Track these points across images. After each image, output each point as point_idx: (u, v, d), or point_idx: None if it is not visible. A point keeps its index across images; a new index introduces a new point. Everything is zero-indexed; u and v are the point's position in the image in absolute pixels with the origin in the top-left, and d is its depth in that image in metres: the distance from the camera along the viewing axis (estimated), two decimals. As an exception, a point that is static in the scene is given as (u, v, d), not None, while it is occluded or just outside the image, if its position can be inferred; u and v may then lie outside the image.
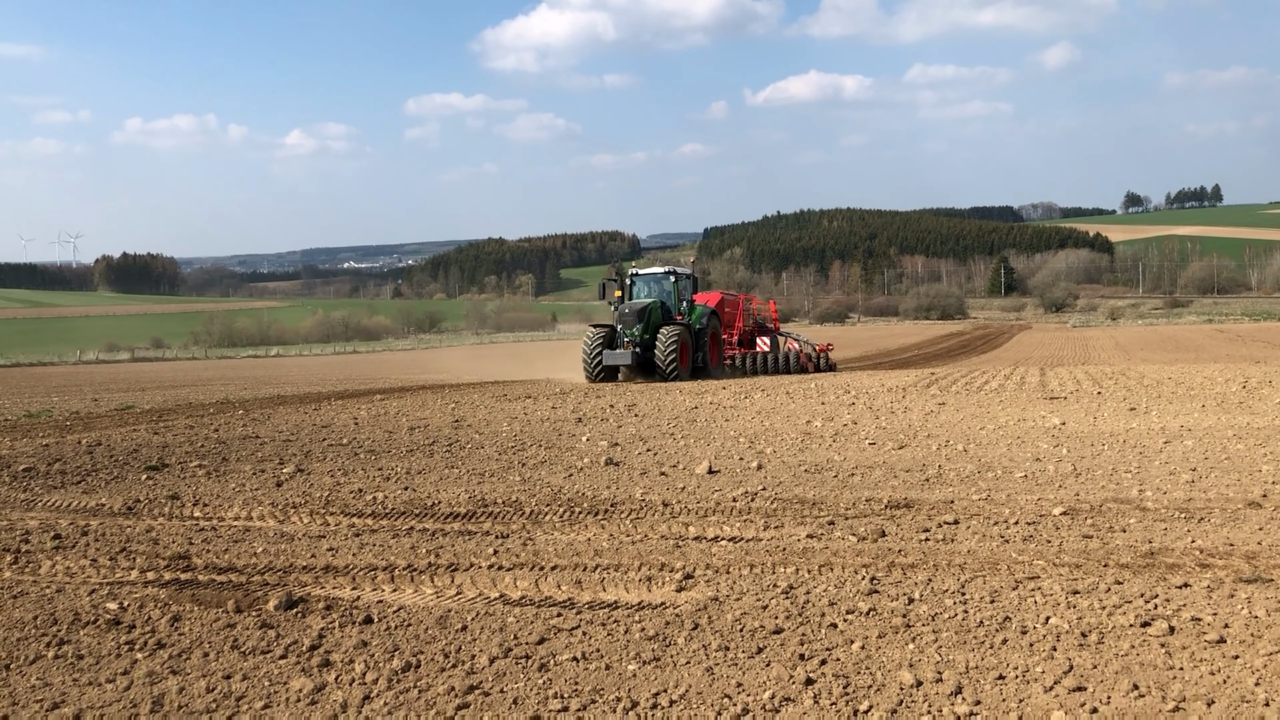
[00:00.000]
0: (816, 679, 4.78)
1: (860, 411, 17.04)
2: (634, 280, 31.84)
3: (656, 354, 28.38)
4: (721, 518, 8.52)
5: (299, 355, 79.73)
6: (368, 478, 11.27)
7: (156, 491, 10.59)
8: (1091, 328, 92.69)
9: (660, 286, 31.45)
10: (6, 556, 7.70)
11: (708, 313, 31.27)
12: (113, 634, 5.76)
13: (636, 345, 28.83)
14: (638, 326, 29.06)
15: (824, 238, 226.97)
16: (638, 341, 28.94)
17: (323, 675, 5.01)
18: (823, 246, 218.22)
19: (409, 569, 7.06)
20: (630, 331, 29.17)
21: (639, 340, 29.00)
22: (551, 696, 4.65)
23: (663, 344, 28.27)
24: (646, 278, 31.86)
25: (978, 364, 37.80)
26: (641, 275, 32.01)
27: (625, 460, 12.02)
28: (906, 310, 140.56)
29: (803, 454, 12.18)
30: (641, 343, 28.92)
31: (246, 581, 6.89)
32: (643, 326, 29.13)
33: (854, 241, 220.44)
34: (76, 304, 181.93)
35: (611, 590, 6.41)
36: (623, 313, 29.50)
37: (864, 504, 8.94)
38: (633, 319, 29.17)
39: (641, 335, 29.04)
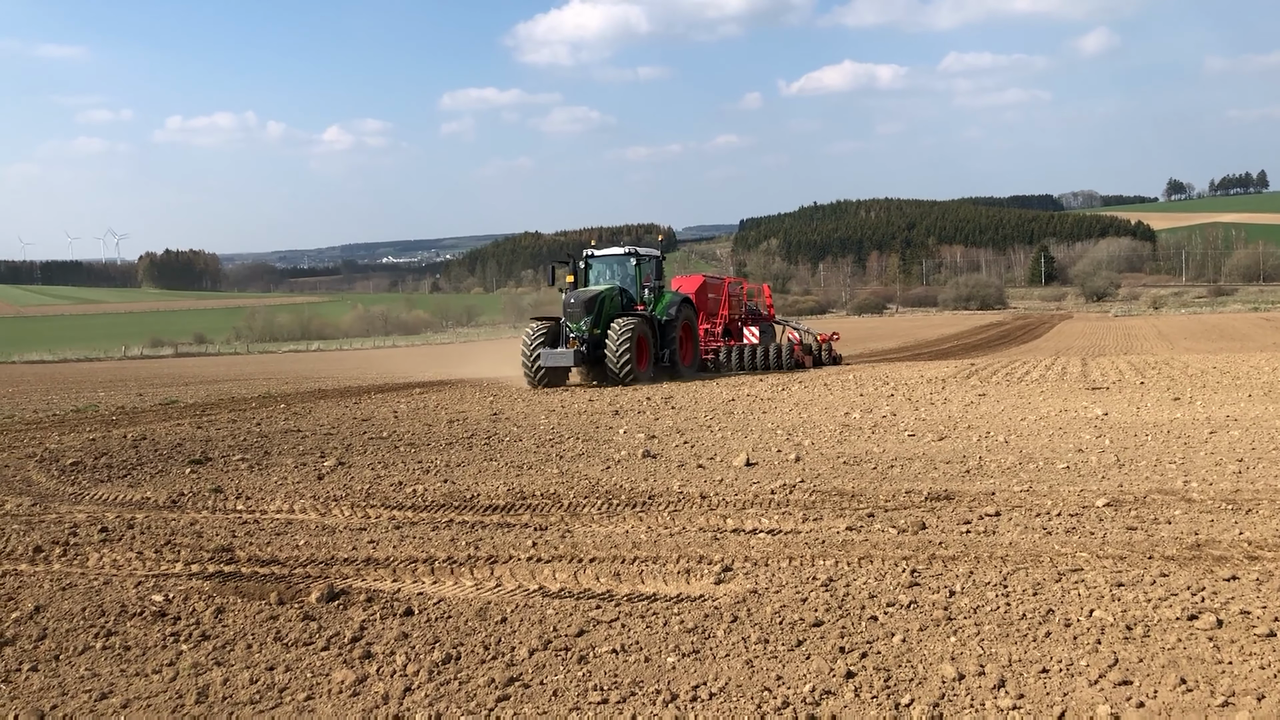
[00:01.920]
0: (857, 672, 4.75)
1: (899, 403, 16.92)
2: (589, 263, 27.08)
3: (607, 352, 23.85)
4: (760, 510, 8.49)
5: (339, 350, 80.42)
6: (407, 470, 11.34)
7: (200, 485, 10.72)
8: (1134, 317, 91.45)
9: (620, 270, 26.80)
10: (56, 549, 7.84)
11: (678, 301, 26.66)
12: (158, 625, 5.84)
13: (584, 342, 24.23)
14: (586, 319, 24.41)
15: (861, 228, 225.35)
16: (585, 337, 24.31)
17: (364, 667, 5.05)
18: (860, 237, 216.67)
19: (449, 561, 7.09)
20: (577, 325, 24.48)
21: (588, 336, 24.35)
22: (591, 689, 4.66)
23: (614, 340, 23.75)
24: (604, 260, 27.06)
25: (1018, 354, 37.39)
26: (598, 257, 27.11)
27: (663, 453, 12.01)
28: (945, 300, 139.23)
29: (841, 446, 12.12)
30: (591, 339, 24.32)
31: (289, 574, 6.96)
32: (592, 319, 24.48)
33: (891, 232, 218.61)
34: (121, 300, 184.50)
35: (650, 583, 6.41)
36: (567, 303, 24.80)
37: (904, 496, 8.87)
38: (579, 310, 24.46)
39: (591, 330, 24.41)
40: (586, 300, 24.52)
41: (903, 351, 42.71)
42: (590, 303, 24.51)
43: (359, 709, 4.53)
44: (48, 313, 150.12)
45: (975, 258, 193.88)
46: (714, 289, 31.83)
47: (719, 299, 31.83)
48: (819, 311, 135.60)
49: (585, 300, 24.51)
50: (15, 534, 8.45)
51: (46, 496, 10.36)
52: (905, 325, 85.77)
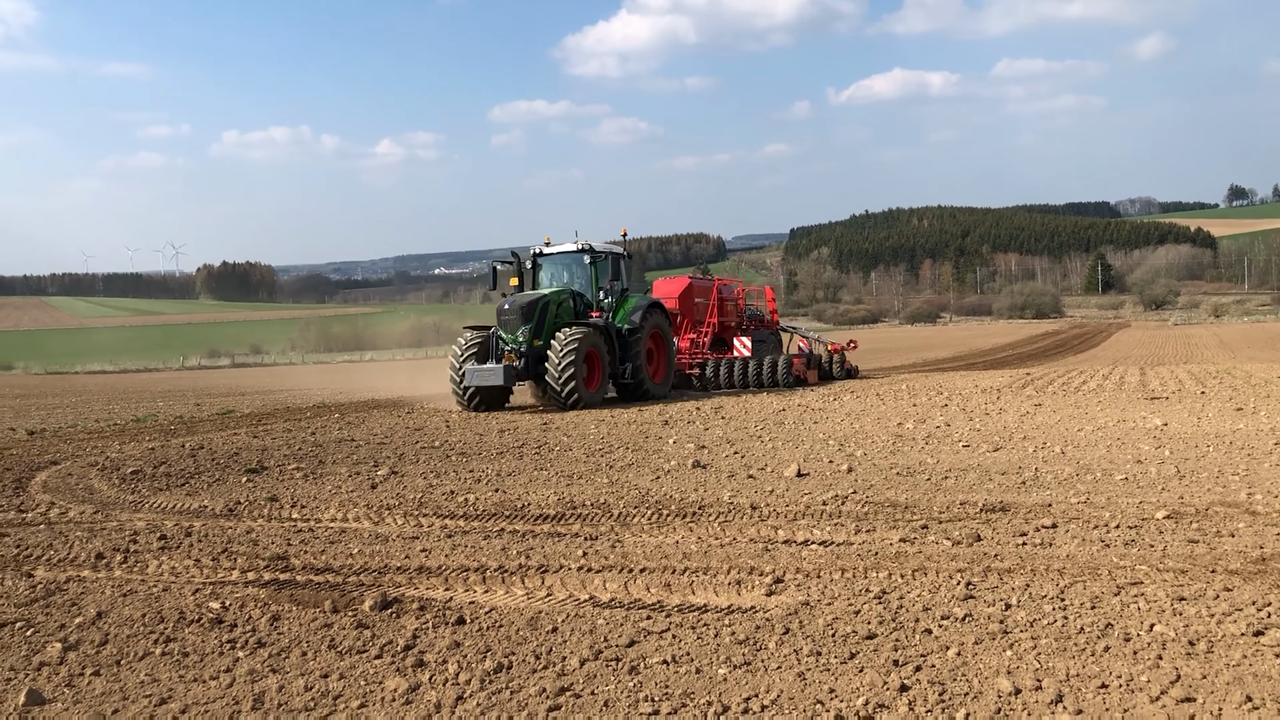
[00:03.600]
0: (911, 685, 4.69)
1: (953, 413, 16.74)
2: (538, 263, 23.16)
3: (548, 369, 20.04)
4: (811, 521, 8.43)
5: (392, 359, 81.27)
6: (459, 480, 11.42)
7: (256, 494, 10.87)
8: (1194, 325, 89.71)
9: (573, 271, 22.96)
10: (117, 555, 7.99)
11: (644, 307, 22.46)
12: (215, 632, 5.92)
13: (521, 355, 20.39)
14: (524, 328, 20.49)
15: (914, 236, 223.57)
16: (523, 350, 20.45)
17: (417, 675, 5.08)
18: (913, 245, 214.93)
19: (500, 570, 7.12)
20: (512, 336, 20.56)
21: (526, 348, 20.49)
22: (642, 699, 4.64)
23: (556, 353, 19.89)
24: (554, 259, 23.13)
25: (1075, 364, 36.82)
26: (548, 256, 23.13)
27: (712, 463, 11.98)
28: (1000, 309, 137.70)
29: (894, 456, 12.00)
30: (531, 352, 20.49)
31: (343, 582, 7.03)
32: (532, 328, 20.59)
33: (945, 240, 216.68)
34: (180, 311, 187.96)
35: (701, 593, 6.38)
36: (500, 309, 20.90)
37: (958, 507, 8.76)
38: (515, 317, 20.54)
39: (531, 341, 20.57)
40: (524, 306, 20.64)
41: (956, 361, 42.25)
42: (529, 308, 20.64)
43: (412, 717, 4.55)
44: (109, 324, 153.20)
45: (1030, 266, 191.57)
46: (702, 293, 28.62)
47: (708, 305, 28.56)
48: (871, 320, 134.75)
49: (523, 306, 20.63)
50: (78, 540, 8.62)
51: (108, 504, 10.57)
52: (959, 334, 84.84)
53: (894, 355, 47.62)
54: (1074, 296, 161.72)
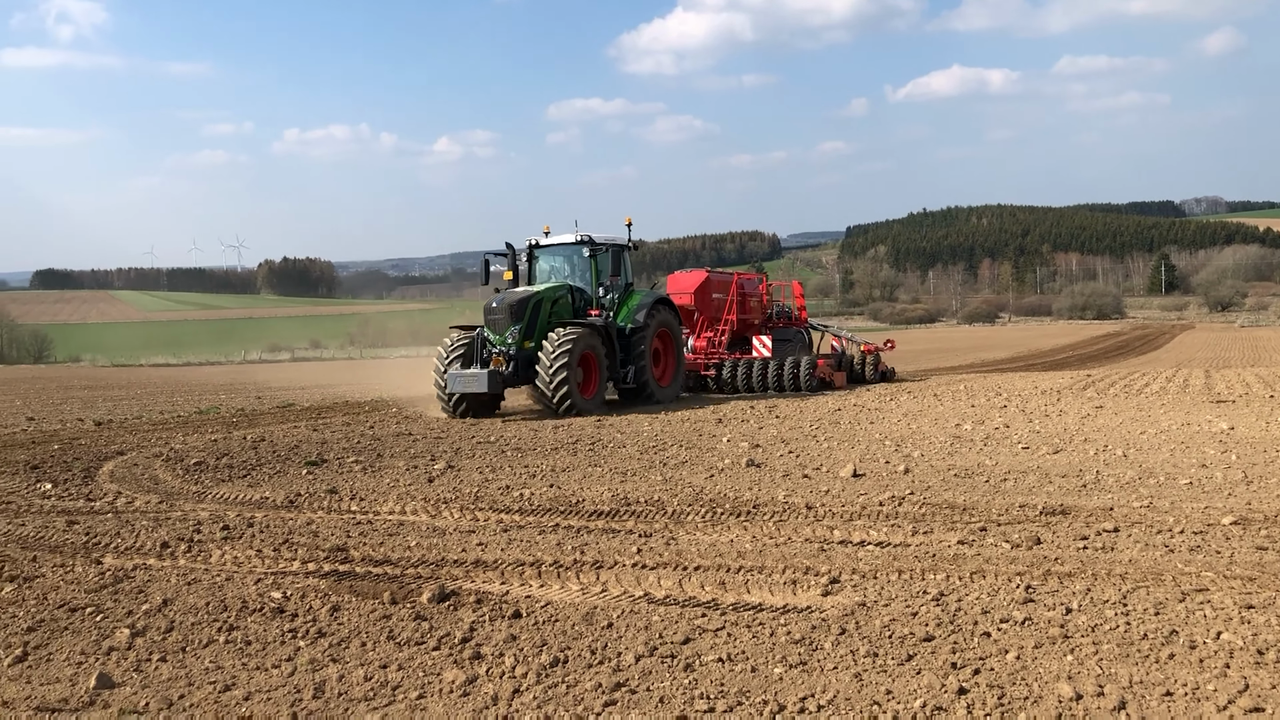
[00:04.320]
0: (970, 689, 4.65)
1: (1012, 414, 16.52)
2: (535, 254, 21.39)
3: (539, 373, 18.30)
4: (868, 522, 8.37)
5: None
6: (514, 474, 11.50)
7: (316, 486, 11.04)
8: (1261, 327, 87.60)
9: (573, 264, 21.13)
10: (181, 545, 8.16)
11: (649, 304, 20.68)
12: (277, 622, 6.03)
13: (511, 358, 18.63)
14: (514, 329, 18.77)
15: (972, 235, 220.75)
16: (512, 353, 18.67)
17: (474, 668, 5.13)
18: (971, 244, 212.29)
19: (555, 565, 7.17)
20: (501, 337, 18.86)
21: (516, 350, 18.72)
22: (697, 697, 4.65)
23: (548, 358, 18.11)
24: (552, 251, 21.34)
25: (1137, 365, 36.14)
26: (545, 247, 21.33)
27: (767, 462, 11.94)
28: (1060, 310, 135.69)
29: (952, 458, 11.88)
30: (522, 354, 18.70)
31: (401, 574, 7.11)
32: (523, 328, 18.84)
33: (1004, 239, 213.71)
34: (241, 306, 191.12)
35: (756, 592, 6.37)
36: (488, 307, 19.13)
37: (1017, 510, 8.65)
38: (504, 316, 18.80)
39: (521, 342, 18.77)
40: (514, 304, 18.86)
41: (1015, 361, 41.67)
42: (518, 306, 18.88)
43: (469, 709, 4.60)
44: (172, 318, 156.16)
45: (1091, 266, 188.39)
46: (720, 288, 26.43)
47: (726, 300, 26.34)
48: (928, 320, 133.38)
49: (512, 304, 18.85)
50: (144, 529, 8.82)
51: (172, 494, 10.80)
52: (1018, 335, 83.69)
53: (951, 355, 47.12)
54: (1136, 297, 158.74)
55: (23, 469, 12.71)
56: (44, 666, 5.36)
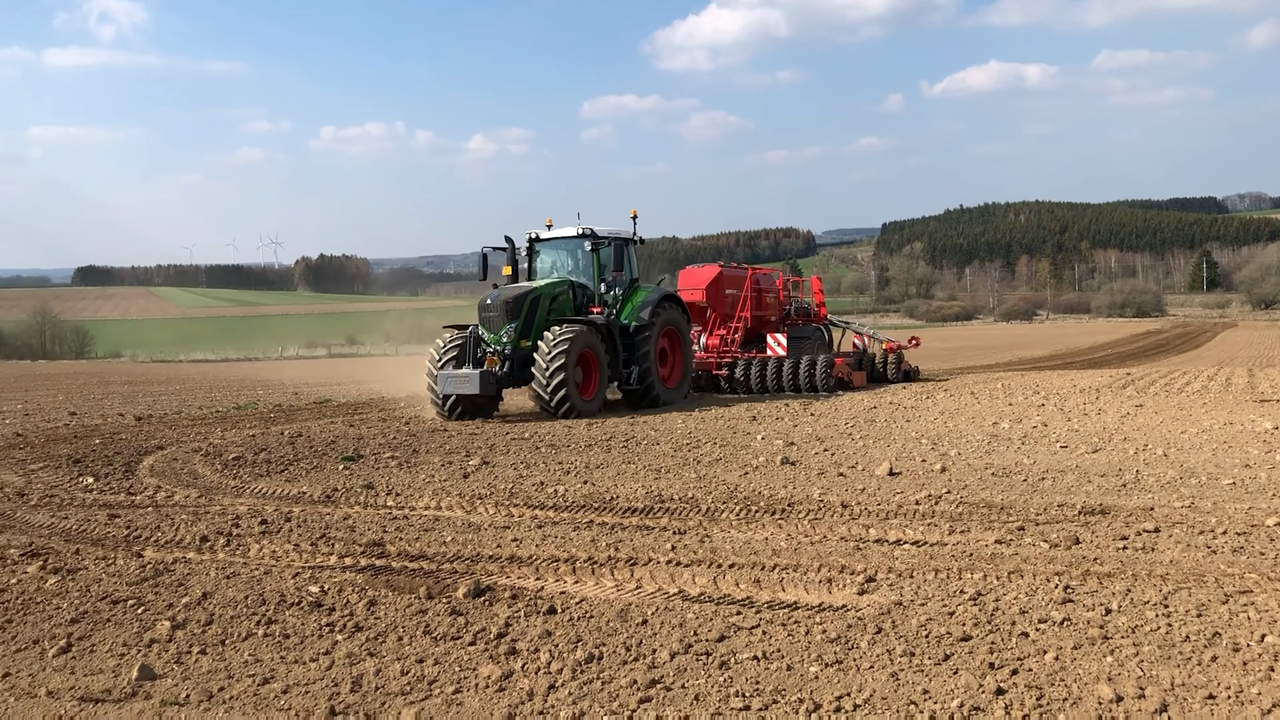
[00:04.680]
0: (1008, 689, 4.61)
1: (1050, 413, 16.36)
2: (535, 248, 20.41)
3: (535, 374, 17.37)
4: (904, 520, 8.32)
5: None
6: (548, 471, 11.53)
7: (352, 481, 11.12)
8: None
9: (574, 259, 20.19)
10: (220, 539, 8.25)
11: (654, 301, 19.72)
12: (315, 615, 6.08)
13: (506, 358, 17.83)
14: (509, 327, 17.92)
15: (1010, 232, 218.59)
16: (508, 352, 17.86)
17: (510, 663, 5.15)
18: (1009, 241, 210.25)
19: (590, 561, 7.18)
20: (495, 336, 18.04)
21: (511, 350, 17.90)
22: (733, 694, 4.64)
23: (543, 358, 17.22)
24: (554, 245, 20.41)
25: (1178, 364, 35.67)
26: (546, 241, 20.38)
27: (802, 460, 11.90)
28: (1099, 307, 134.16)
29: (989, 456, 11.78)
30: (517, 354, 17.87)
31: (437, 569, 7.16)
32: (519, 326, 17.99)
33: (1042, 235, 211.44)
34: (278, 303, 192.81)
35: (791, 590, 6.35)
36: (483, 304, 18.34)
37: (1055, 509, 8.57)
38: (499, 314, 17.99)
39: (517, 341, 17.95)
40: (510, 300, 17.97)
41: (1053, 359, 41.26)
42: (515, 304, 17.99)
43: (505, 704, 4.62)
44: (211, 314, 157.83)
45: (1131, 263, 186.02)
46: (733, 283, 25.25)
47: (740, 296, 25.15)
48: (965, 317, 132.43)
49: (508, 301, 17.97)
50: (184, 523, 8.93)
51: (211, 489, 10.92)
52: (1056, 332, 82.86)
53: (987, 353, 46.74)
54: (1177, 295, 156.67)
55: (65, 463, 12.90)
56: (87, 657, 5.44)
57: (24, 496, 10.54)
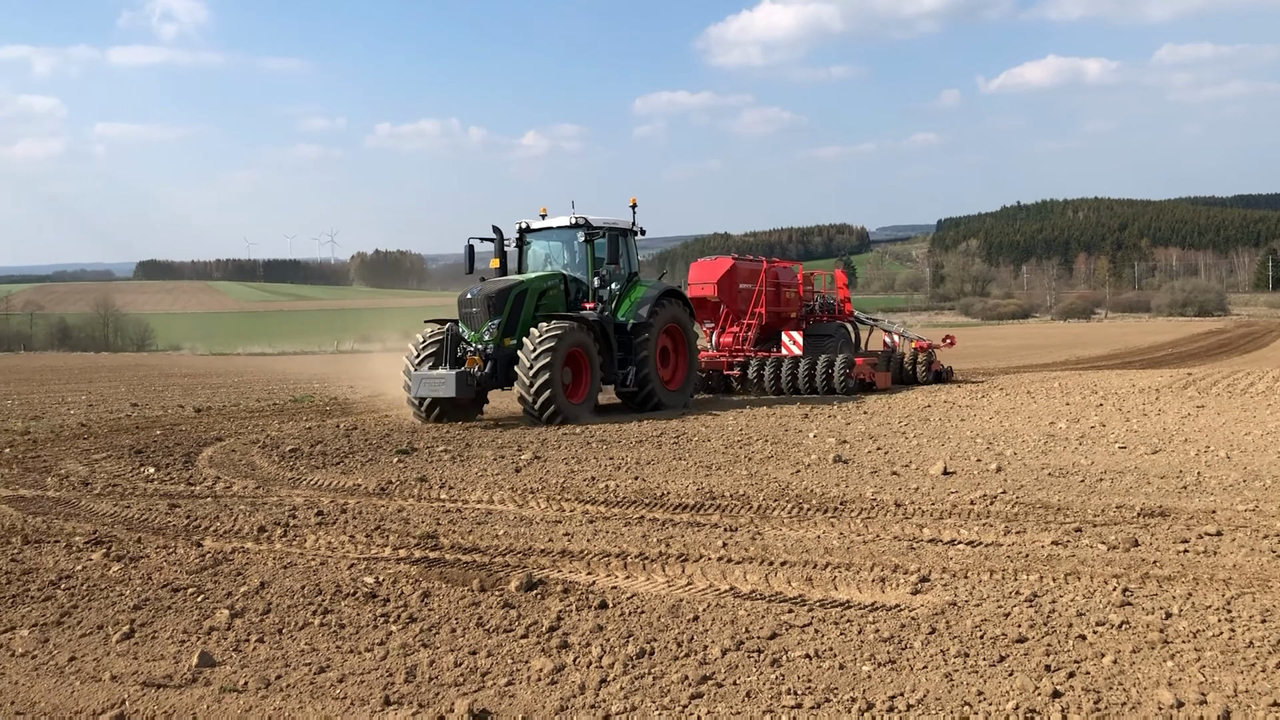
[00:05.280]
0: (1064, 692, 4.54)
1: (1109, 413, 16.09)
2: (527, 239, 18.87)
3: (518, 376, 15.98)
4: (958, 520, 8.24)
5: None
6: (599, 466, 11.56)
7: (406, 474, 11.24)
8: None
9: (568, 251, 18.63)
10: (277, 529, 8.38)
11: (654, 296, 18.29)
12: (370, 606, 6.16)
13: (488, 358, 16.42)
14: (492, 324, 16.56)
15: (1068, 229, 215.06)
16: (490, 352, 16.49)
17: (561, 656, 5.17)
18: (1066, 238, 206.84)
19: (640, 557, 7.19)
20: (476, 334, 16.69)
21: (494, 349, 16.53)
22: (785, 692, 4.62)
23: (527, 357, 15.80)
24: (546, 236, 18.82)
25: (1241, 364, 34.88)
26: (538, 231, 18.79)
27: (854, 458, 11.82)
28: (1159, 306, 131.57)
29: (1046, 457, 11.61)
30: (501, 354, 16.49)
31: (489, 562, 7.21)
32: (502, 323, 16.60)
33: (1101, 232, 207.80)
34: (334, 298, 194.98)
35: (843, 589, 6.31)
36: (463, 299, 17.06)
37: (1114, 511, 8.42)
38: (481, 310, 16.67)
39: (501, 340, 16.59)
40: (493, 295, 16.63)
41: (1112, 359, 40.57)
42: (498, 298, 16.62)
43: (557, 697, 4.64)
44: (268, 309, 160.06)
45: (1193, 261, 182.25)
46: (748, 277, 23.47)
47: (754, 291, 23.43)
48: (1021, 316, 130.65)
49: (491, 295, 16.63)
50: (242, 514, 9.08)
51: (268, 480, 11.09)
52: (1115, 331, 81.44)
53: (1044, 352, 46.08)
54: (1241, 294, 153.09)
55: (127, 453, 13.18)
56: (149, 644, 5.56)
57: (88, 486, 10.79)
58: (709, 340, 23.54)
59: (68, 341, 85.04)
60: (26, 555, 7.62)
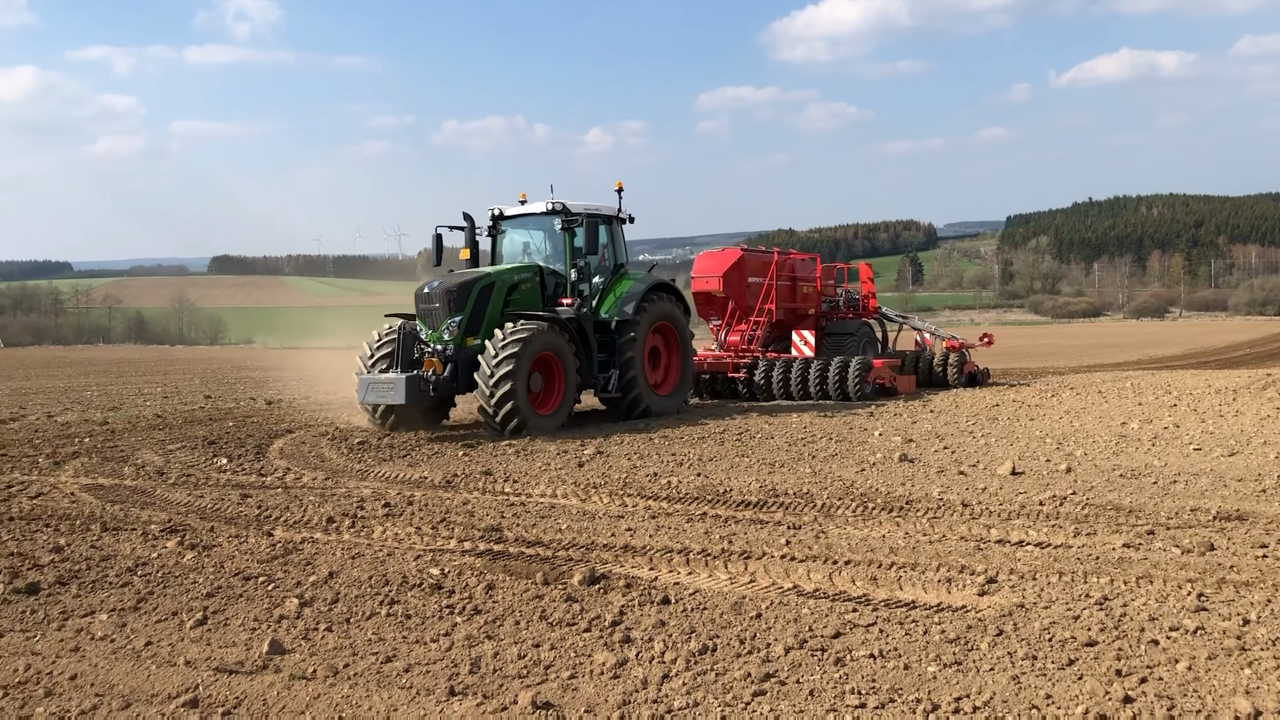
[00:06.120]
0: (1136, 698, 4.45)
1: (1183, 414, 15.70)
2: (501, 227, 17.00)
3: (479, 383, 14.17)
4: (1026, 521, 8.10)
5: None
6: (662, 462, 11.57)
7: (471, 467, 11.35)
8: None
9: (546, 241, 16.70)
10: (345, 520, 8.52)
11: (643, 291, 16.40)
12: (435, 597, 6.24)
13: (448, 359, 14.55)
14: (451, 322, 14.71)
15: (1142, 226, 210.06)
16: (450, 353, 14.62)
17: (624, 651, 5.19)
18: (1140, 235, 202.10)
19: (703, 553, 7.18)
20: (435, 333, 14.88)
21: (455, 349, 14.66)
22: (848, 691, 4.59)
23: (488, 362, 14.00)
24: (523, 224, 16.92)
25: (1323, 365, 33.81)
26: (514, 218, 16.90)
27: (920, 457, 11.68)
28: (1236, 305, 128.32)
29: (1117, 458, 11.38)
30: (461, 355, 14.61)
31: (552, 556, 7.25)
32: (463, 321, 14.77)
33: (1176, 229, 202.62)
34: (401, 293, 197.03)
35: (908, 589, 6.24)
36: (420, 294, 15.16)
37: (1188, 514, 8.22)
38: (440, 305, 14.79)
39: (462, 339, 14.76)
40: (453, 289, 14.75)
41: (1187, 359, 39.61)
42: (459, 292, 14.76)
43: (620, 691, 4.66)
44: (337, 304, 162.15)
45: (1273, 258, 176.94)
46: (758, 270, 21.46)
47: (764, 286, 21.44)
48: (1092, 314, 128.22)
49: (451, 289, 14.74)
50: (311, 505, 9.24)
51: (337, 472, 11.28)
52: (1190, 330, 79.53)
53: (1116, 351, 45.16)
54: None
55: (201, 444, 13.49)
56: (221, 630, 5.68)
57: (163, 475, 11.07)
58: (715, 340, 22.05)
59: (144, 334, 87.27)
60: (105, 542, 7.84)
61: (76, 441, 13.87)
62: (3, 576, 6.79)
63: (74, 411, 18.63)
